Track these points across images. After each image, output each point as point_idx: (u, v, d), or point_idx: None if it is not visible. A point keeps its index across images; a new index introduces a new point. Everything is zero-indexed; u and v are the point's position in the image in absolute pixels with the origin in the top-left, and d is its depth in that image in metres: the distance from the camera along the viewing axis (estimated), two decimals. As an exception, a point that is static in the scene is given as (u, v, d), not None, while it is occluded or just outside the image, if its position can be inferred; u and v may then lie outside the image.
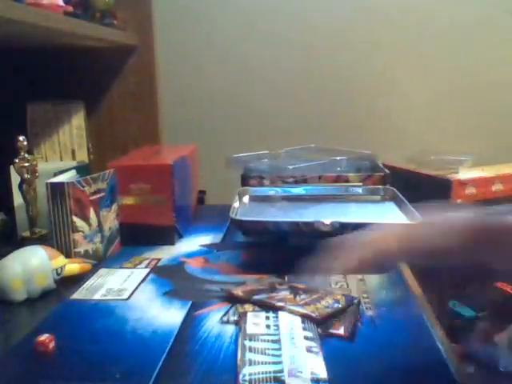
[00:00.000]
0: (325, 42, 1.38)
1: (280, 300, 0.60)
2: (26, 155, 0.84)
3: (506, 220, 0.44)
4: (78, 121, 1.11)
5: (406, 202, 0.80)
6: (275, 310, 0.59)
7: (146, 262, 0.77)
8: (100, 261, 0.77)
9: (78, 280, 0.69)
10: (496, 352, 0.57)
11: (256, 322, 0.56)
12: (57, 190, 0.72)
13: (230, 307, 0.60)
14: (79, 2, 1.04)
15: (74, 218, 0.73)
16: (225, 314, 0.59)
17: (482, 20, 1.35)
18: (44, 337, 0.51)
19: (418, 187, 1.15)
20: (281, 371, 0.46)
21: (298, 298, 0.61)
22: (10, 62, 1.12)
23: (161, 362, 0.49)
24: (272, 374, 0.46)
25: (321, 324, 0.55)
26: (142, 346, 0.52)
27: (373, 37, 1.37)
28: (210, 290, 0.66)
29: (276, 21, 1.37)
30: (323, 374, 0.46)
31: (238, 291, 0.63)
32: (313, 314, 0.56)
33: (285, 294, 0.62)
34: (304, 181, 0.90)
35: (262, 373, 0.46)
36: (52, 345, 0.51)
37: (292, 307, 0.58)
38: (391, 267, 0.62)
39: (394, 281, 0.67)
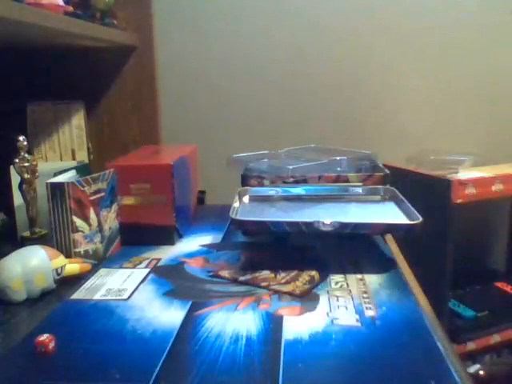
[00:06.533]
0: (325, 44, 1.38)
1: (263, 280, 0.67)
2: (26, 155, 0.84)
3: None
4: (78, 121, 1.11)
5: (406, 201, 0.80)
6: (260, 288, 0.65)
7: (146, 261, 0.77)
8: (100, 261, 0.77)
9: (78, 280, 0.70)
10: None
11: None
12: (57, 190, 0.72)
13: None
14: (79, 2, 1.04)
15: (74, 218, 0.73)
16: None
17: (483, 21, 1.35)
18: (44, 337, 0.51)
19: (418, 187, 1.15)
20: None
21: (278, 276, 0.68)
22: (10, 62, 1.12)
23: (161, 362, 0.49)
24: None
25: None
26: (142, 346, 0.52)
27: (373, 38, 1.37)
28: (210, 290, 0.66)
29: (276, 20, 1.37)
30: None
31: (225, 273, 0.70)
32: (295, 292, 0.63)
33: (266, 273, 0.69)
34: (304, 181, 0.90)
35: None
36: (52, 345, 0.51)
37: (276, 286, 0.65)
38: None
39: (394, 281, 0.68)
